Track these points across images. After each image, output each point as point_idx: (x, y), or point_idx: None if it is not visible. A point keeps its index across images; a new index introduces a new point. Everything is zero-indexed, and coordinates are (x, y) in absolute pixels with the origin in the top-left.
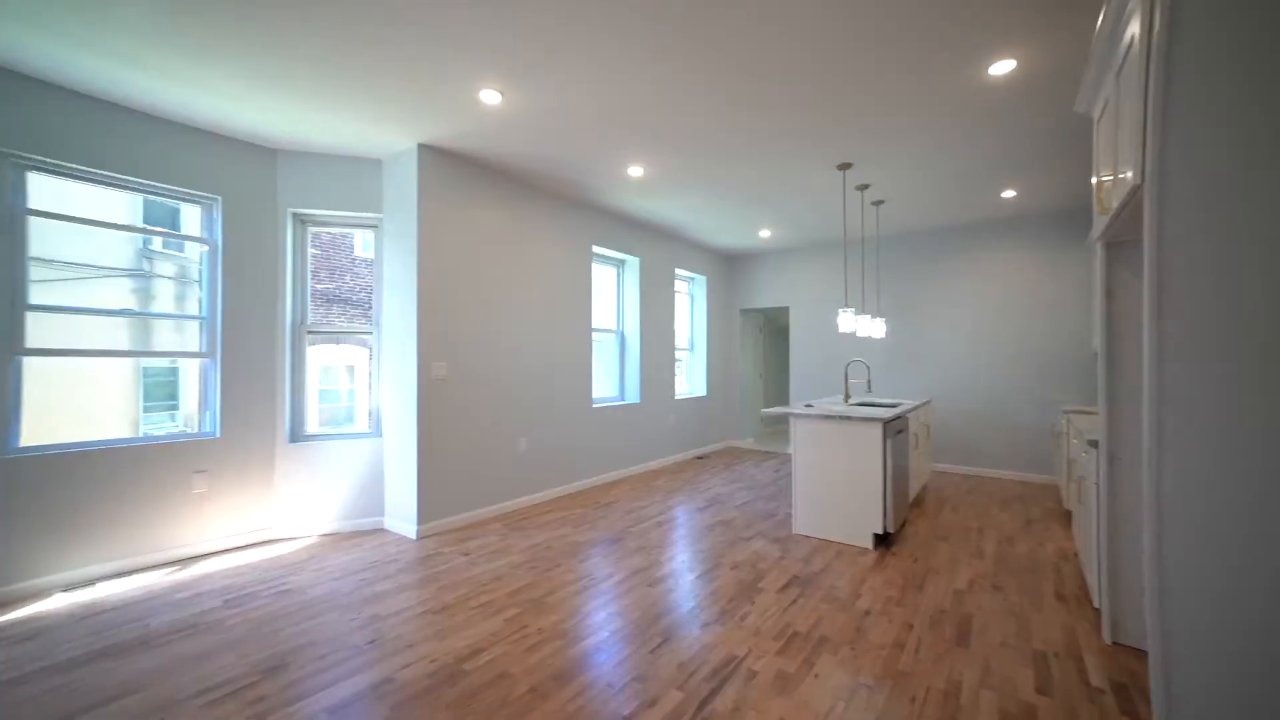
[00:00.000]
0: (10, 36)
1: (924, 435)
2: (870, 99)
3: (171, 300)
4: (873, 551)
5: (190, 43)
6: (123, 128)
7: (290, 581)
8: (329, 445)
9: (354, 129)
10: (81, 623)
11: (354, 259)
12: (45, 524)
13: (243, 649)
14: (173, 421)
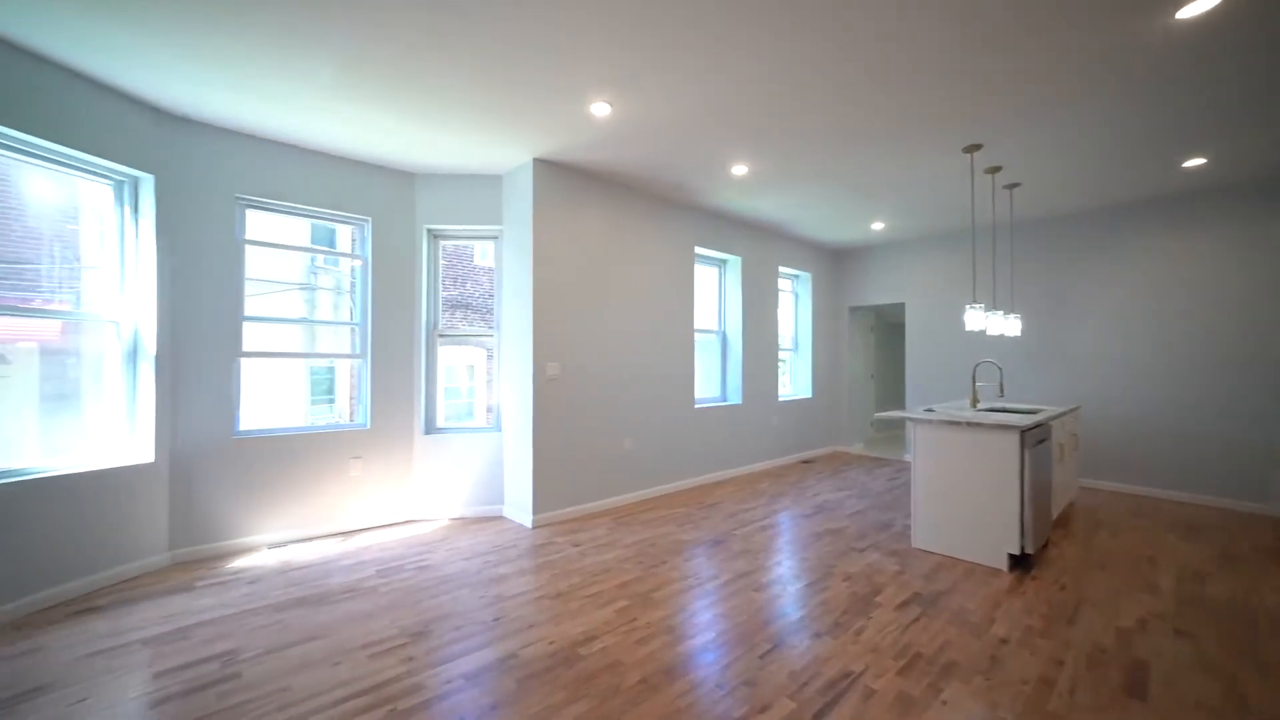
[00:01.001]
0: (231, 104)
1: (1070, 446)
2: (1011, 66)
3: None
4: (1007, 573)
5: (359, 90)
6: (304, 166)
7: (427, 559)
8: (456, 438)
9: (478, 150)
10: (281, 575)
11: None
12: (255, 492)
13: (394, 614)
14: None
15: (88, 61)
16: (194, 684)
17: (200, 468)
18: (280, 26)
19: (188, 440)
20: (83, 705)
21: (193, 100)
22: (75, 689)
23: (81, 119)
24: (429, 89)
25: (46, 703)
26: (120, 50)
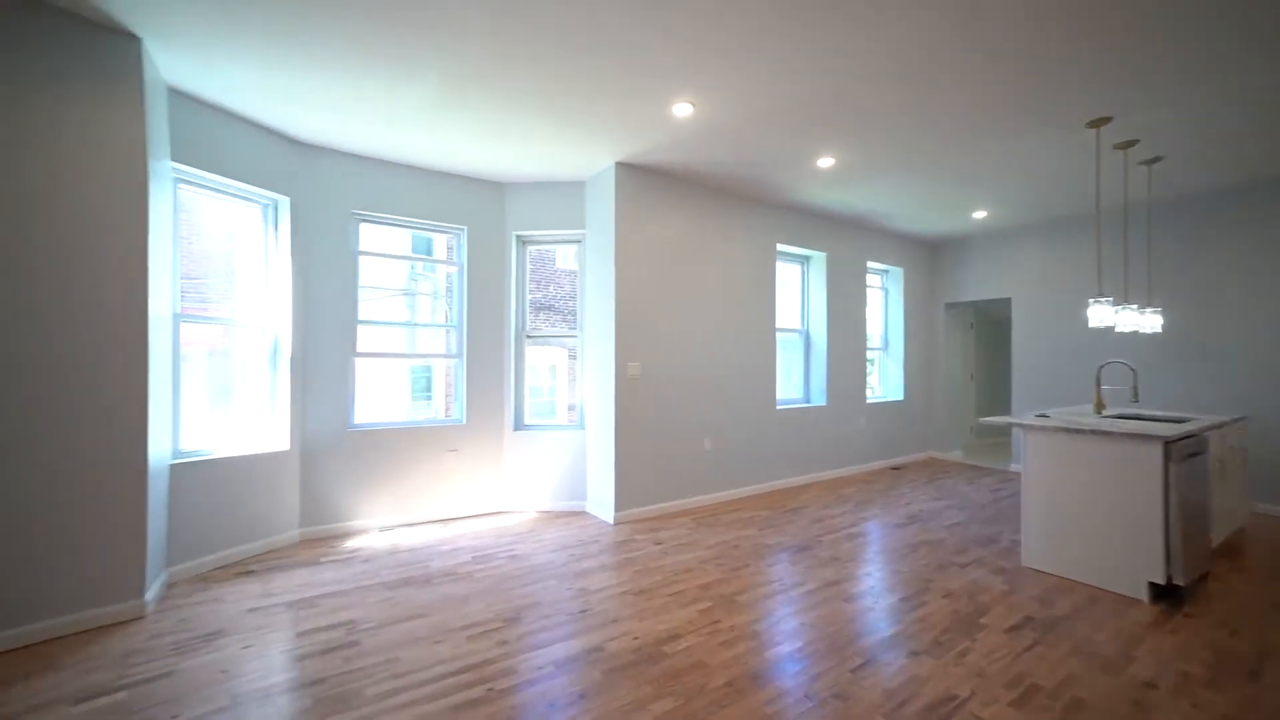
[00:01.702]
0: (348, 130)
1: (1235, 463)
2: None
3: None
4: (1148, 605)
5: (456, 108)
6: (407, 182)
7: (517, 549)
8: (542, 434)
9: (563, 157)
10: (390, 556)
11: (555, 271)
12: (366, 480)
13: (489, 599)
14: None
15: (244, 104)
16: (325, 646)
17: (323, 456)
18: (388, 56)
19: (314, 431)
20: (248, 651)
21: (320, 129)
22: (241, 637)
23: (239, 153)
24: (518, 102)
25: (224, 644)
26: (271, 91)
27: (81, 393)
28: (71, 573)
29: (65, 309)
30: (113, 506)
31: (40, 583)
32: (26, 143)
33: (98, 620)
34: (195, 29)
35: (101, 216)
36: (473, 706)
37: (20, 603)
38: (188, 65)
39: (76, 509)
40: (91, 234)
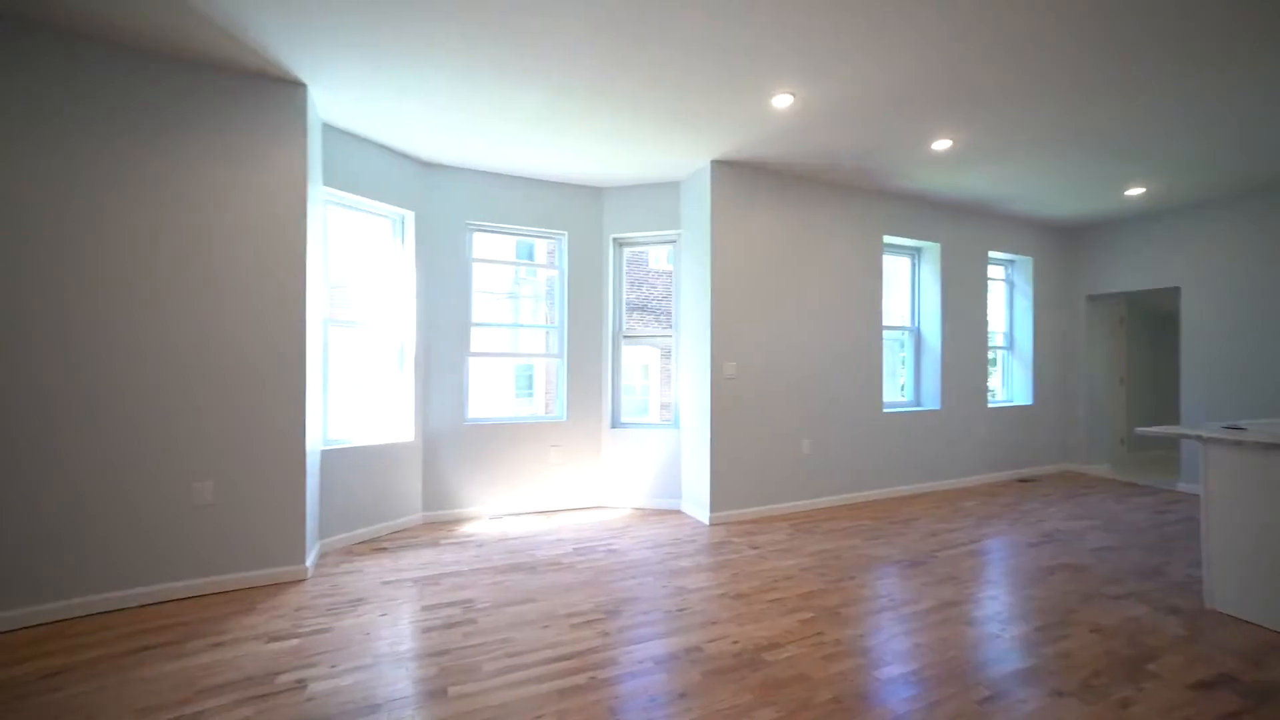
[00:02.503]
0: (462, 148)
1: None
2: None
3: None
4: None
5: (559, 119)
6: (513, 192)
7: (615, 544)
8: (638, 433)
9: (659, 158)
10: (500, 543)
11: (649, 271)
12: (478, 470)
13: (590, 590)
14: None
15: (379, 131)
16: (446, 621)
17: (442, 447)
18: (499, 74)
19: (434, 424)
20: (384, 618)
21: (440, 148)
22: (378, 605)
23: (374, 174)
24: (620, 108)
25: (364, 610)
26: (401, 118)
27: (256, 388)
28: (258, 536)
29: (247, 316)
30: (282, 484)
31: (237, 542)
32: (220, 180)
33: (275, 578)
34: (349, 74)
35: (270, 237)
36: (577, 692)
37: (226, 557)
38: (338, 104)
39: (259, 484)
40: (263, 252)
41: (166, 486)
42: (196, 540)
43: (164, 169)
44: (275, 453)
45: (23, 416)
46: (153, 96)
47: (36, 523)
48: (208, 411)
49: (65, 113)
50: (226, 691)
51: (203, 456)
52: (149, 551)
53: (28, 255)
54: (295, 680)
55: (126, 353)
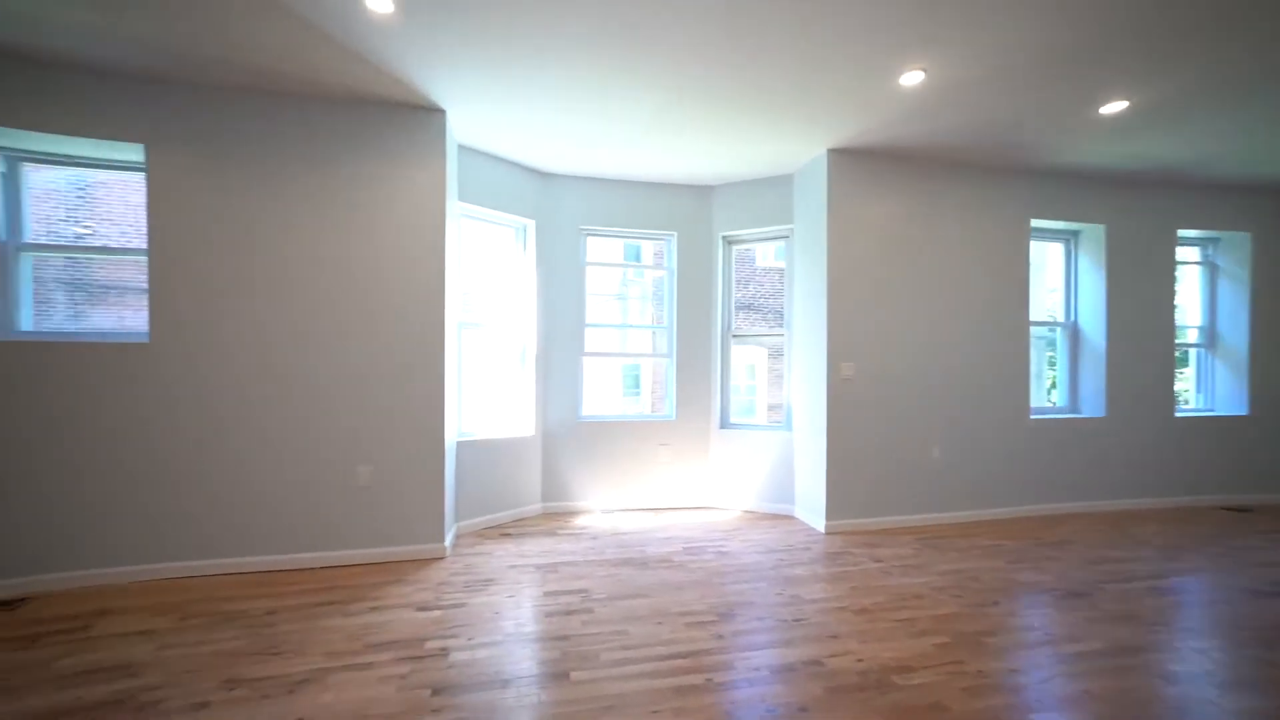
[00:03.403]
0: (576, 157)
1: None
2: None
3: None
4: None
5: (672, 121)
6: (624, 196)
7: (725, 546)
8: (747, 434)
9: (773, 152)
10: (612, 537)
11: (755, 270)
12: (591, 466)
13: (701, 590)
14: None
15: (504, 147)
16: (566, 608)
17: (558, 442)
18: (621, 73)
19: (552, 420)
20: (511, 600)
21: (558, 159)
22: (506, 587)
23: (499, 187)
24: (733, 103)
25: (495, 590)
26: (524, 133)
27: (405, 385)
28: (406, 517)
29: (396, 322)
30: (425, 471)
31: (389, 521)
32: (375, 202)
33: (419, 554)
34: (483, 97)
35: (416, 251)
36: (694, 692)
37: (380, 532)
38: (470, 125)
39: (407, 471)
40: (410, 265)
41: (334, 469)
42: (357, 517)
43: (329, 196)
44: (420, 443)
45: (240, 405)
46: (323, 133)
47: (249, 490)
48: (365, 405)
49: (267, 155)
50: (387, 649)
51: (362, 444)
52: (323, 523)
53: (259, 276)
54: (439, 648)
55: (303, 355)
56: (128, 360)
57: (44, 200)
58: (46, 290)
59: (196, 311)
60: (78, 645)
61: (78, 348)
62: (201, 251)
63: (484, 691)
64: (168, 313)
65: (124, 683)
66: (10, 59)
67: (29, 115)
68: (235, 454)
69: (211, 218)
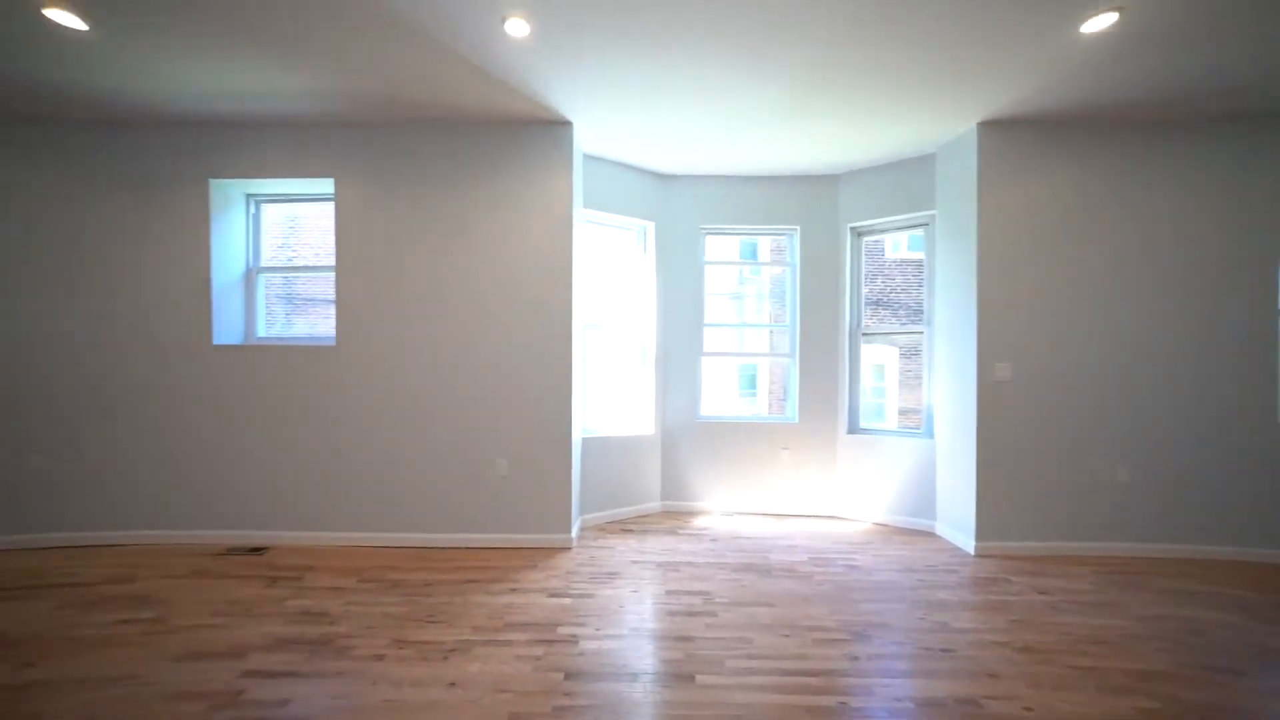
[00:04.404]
0: (696, 158)
1: None
2: None
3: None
4: None
5: (801, 110)
6: (743, 191)
7: (856, 560)
8: (879, 440)
9: (909, 131)
10: (732, 540)
11: (885, 262)
12: (710, 467)
13: (831, 605)
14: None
15: (624, 153)
16: (688, 609)
17: (677, 442)
18: (747, 58)
19: (671, 419)
20: (634, 595)
21: (675, 160)
22: (630, 582)
23: (620, 192)
24: (871, 82)
25: (619, 584)
26: (645, 138)
27: (535, 384)
28: (537, 507)
29: (527, 326)
30: (554, 465)
31: (522, 510)
32: (507, 215)
33: (548, 543)
34: (607, 106)
35: (545, 258)
36: (827, 715)
37: (515, 520)
38: (594, 134)
39: (538, 464)
40: (539, 272)
41: (478, 460)
42: (495, 504)
43: (472, 213)
44: (549, 438)
45: (404, 400)
46: (467, 156)
47: (410, 473)
48: (503, 402)
49: (423, 180)
50: (524, 630)
51: (499, 438)
52: (469, 508)
53: (417, 288)
54: (570, 634)
55: (452, 355)
56: (320, 360)
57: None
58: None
59: (370, 319)
60: (297, 591)
61: (288, 350)
62: (373, 267)
63: (612, 683)
64: (349, 320)
65: (326, 628)
66: (239, 126)
67: (260, 165)
68: (400, 442)
69: (381, 237)
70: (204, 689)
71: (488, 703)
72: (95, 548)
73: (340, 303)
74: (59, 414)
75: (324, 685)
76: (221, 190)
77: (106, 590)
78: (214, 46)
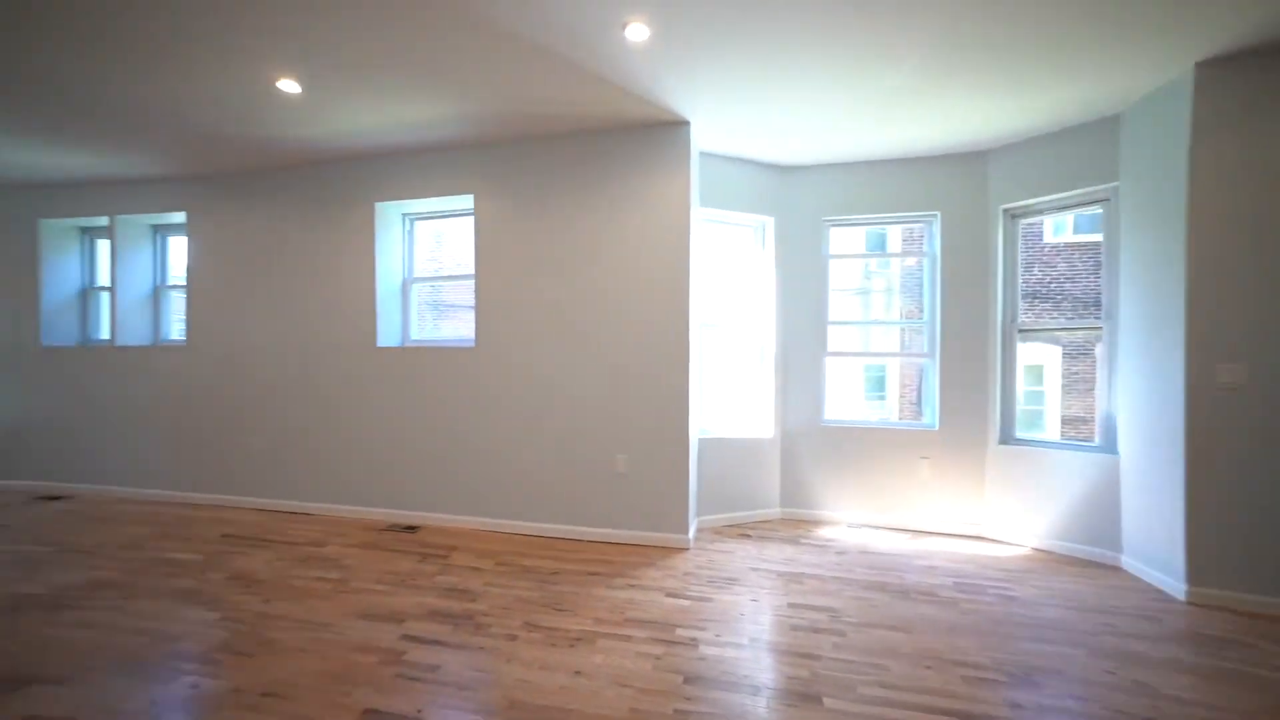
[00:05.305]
0: (817, 146)
1: None
2: None
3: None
4: None
5: (938, 82)
6: (871, 178)
7: (1013, 590)
8: (1039, 453)
9: (1084, 89)
10: (862, 555)
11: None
12: (836, 474)
13: (982, 639)
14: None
15: (742, 148)
16: (813, 625)
17: (799, 446)
18: (871, 36)
19: (791, 423)
20: (755, 604)
21: (797, 150)
22: (749, 589)
23: (738, 188)
24: (1033, 35)
25: (738, 590)
26: (763, 132)
27: (654, 383)
28: (654, 505)
29: (648, 325)
30: (672, 464)
31: (641, 507)
32: (628, 215)
33: (665, 542)
34: (724, 102)
35: (664, 259)
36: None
37: (633, 517)
38: (711, 131)
39: (656, 462)
40: (659, 272)
41: (599, 455)
42: (615, 500)
43: (594, 217)
44: (667, 437)
45: (535, 396)
46: (587, 162)
47: (539, 465)
48: (621, 400)
49: (547, 189)
50: (643, 627)
51: (619, 435)
52: (590, 502)
53: (545, 292)
54: (689, 637)
55: (578, 354)
56: (462, 360)
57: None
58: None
59: (504, 322)
60: (444, 568)
61: (435, 351)
62: (506, 274)
63: (734, 693)
64: (486, 323)
65: (469, 604)
66: (396, 155)
67: (413, 187)
68: (530, 435)
69: (512, 245)
70: (374, 645)
71: (610, 695)
72: (296, 514)
73: (479, 308)
74: (271, 404)
75: (467, 657)
76: (384, 212)
77: (307, 551)
78: (391, 88)
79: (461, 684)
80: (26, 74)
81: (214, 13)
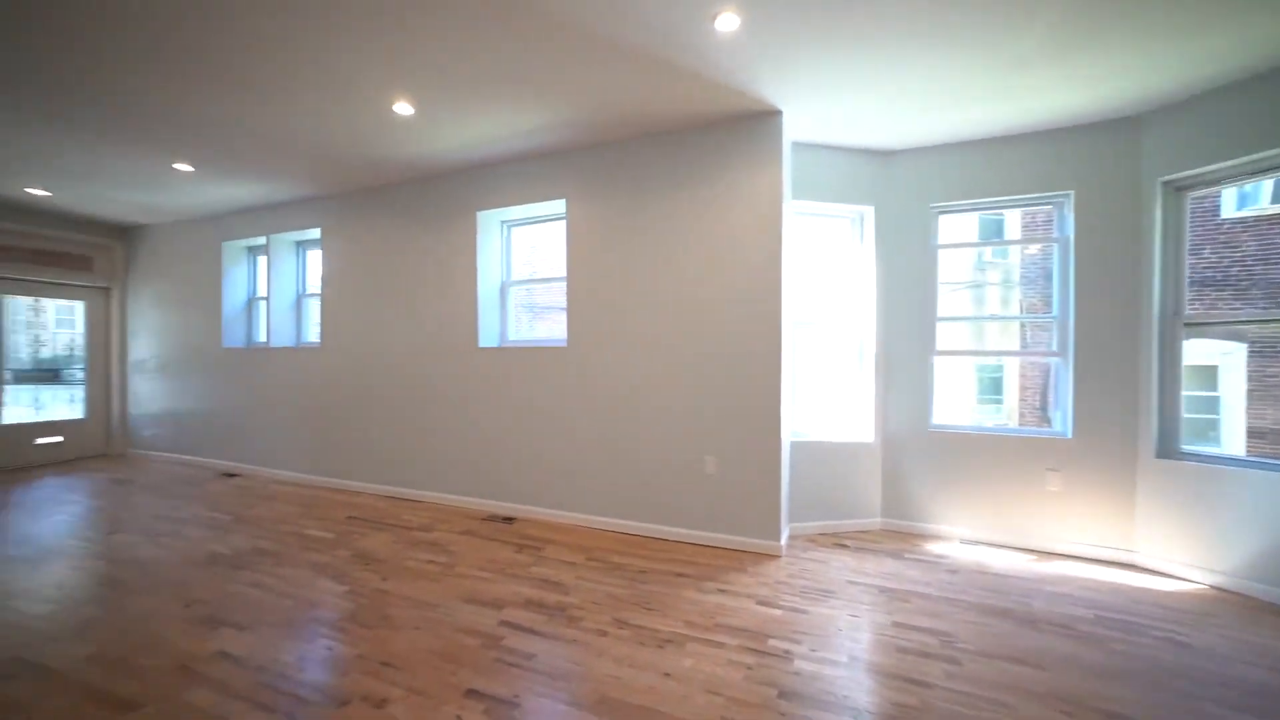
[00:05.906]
0: (925, 125)
1: None
2: None
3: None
4: None
5: (1070, 44)
6: (990, 158)
7: (1181, 634)
8: (1216, 471)
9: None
10: (978, 575)
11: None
12: (946, 485)
13: (1139, 687)
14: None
15: (836, 136)
16: (922, 649)
17: (902, 452)
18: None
19: (894, 427)
20: (854, 619)
21: (899, 133)
22: (847, 603)
23: (833, 178)
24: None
25: (834, 604)
26: (860, 117)
27: (745, 383)
28: (745, 509)
29: (738, 325)
30: (763, 468)
31: (730, 510)
32: (719, 211)
33: (755, 547)
34: (819, 88)
35: (755, 254)
36: None
37: (722, 520)
38: (805, 119)
39: (746, 465)
40: (750, 267)
41: (687, 456)
42: (704, 502)
43: (684, 215)
44: (758, 439)
45: (626, 395)
46: (678, 159)
47: (631, 464)
48: (711, 400)
49: (637, 189)
50: (733, 634)
51: (708, 436)
52: (679, 503)
53: (634, 292)
54: (783, 649)
55: (666, 353)
56: (555, 360)
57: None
58: (517, 312)
59: (595, 323)
60: (539, 560)
61: (530, 351)
62: (597, 275)
63: (833, 714)
64: (577, 324)
65: (561, 597)
66: (494, 165)
67: (510, 195)
68: (620, 434)
69: (603, 247)
70: (477, 628)
71: (701, 701)
72: (409, 500)
73: (570, 309)
74: (388, 400)
75: (560, 648)
76: (484, 219)
77: (419, 535)
78: (492, 101)
79: (554, 674)
80: (216, 119)
81: (338, 47)
